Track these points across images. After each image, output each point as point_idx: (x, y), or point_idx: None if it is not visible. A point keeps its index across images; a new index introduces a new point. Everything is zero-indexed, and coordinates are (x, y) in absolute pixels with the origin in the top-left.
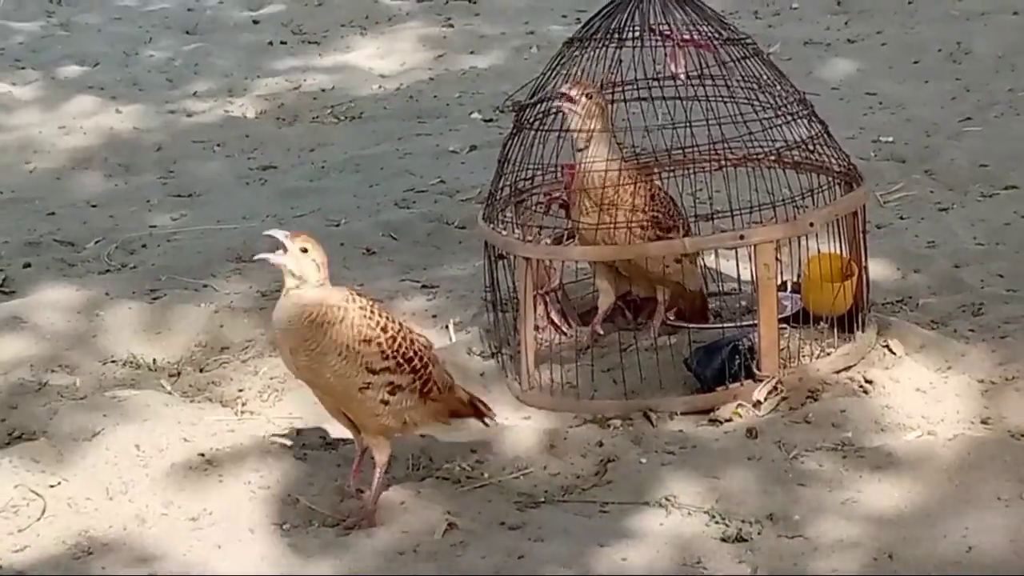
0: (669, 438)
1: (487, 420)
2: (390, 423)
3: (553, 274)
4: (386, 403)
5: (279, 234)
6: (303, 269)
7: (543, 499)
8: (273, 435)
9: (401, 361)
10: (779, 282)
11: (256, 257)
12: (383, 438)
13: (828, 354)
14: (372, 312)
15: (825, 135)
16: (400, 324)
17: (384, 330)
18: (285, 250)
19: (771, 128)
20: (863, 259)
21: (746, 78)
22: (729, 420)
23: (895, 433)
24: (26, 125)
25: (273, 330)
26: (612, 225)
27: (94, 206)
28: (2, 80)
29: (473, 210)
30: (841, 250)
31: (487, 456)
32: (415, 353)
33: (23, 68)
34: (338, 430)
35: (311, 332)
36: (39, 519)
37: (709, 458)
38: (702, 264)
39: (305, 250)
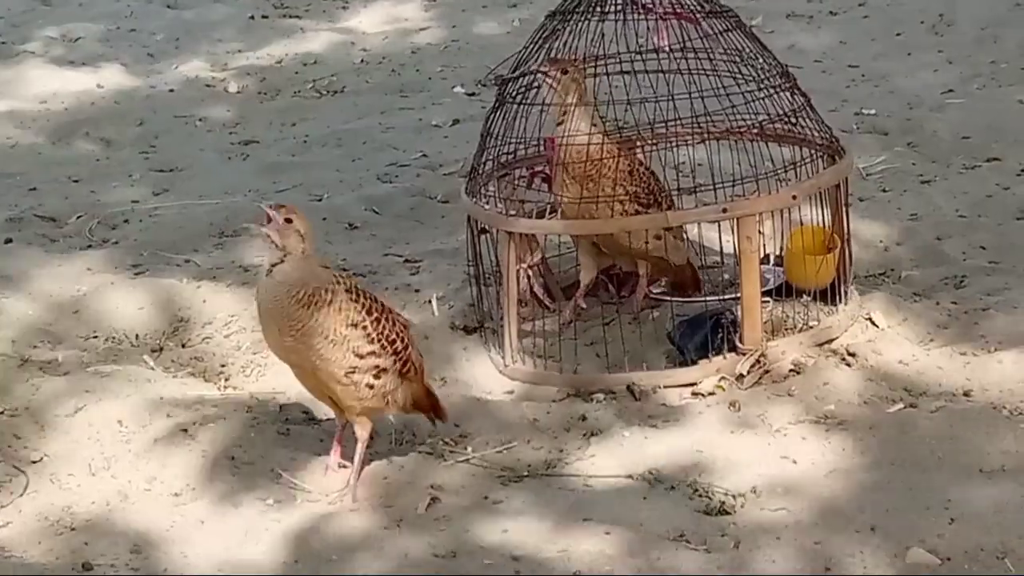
0: (652, 411)
1: (438, 422)
2: (373, 404)
3: (536, 248)
4: (371, 387)
5: (265, 206)
6: (287, 240)
7: (526, 473)
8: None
9: (386, 344)
10: (762, 255)
11: (243, 225)
12: (363, 416)
13: (811, 327)
14: (358, 295)
15: (808, 108)
16: (383, 305)
17: (369, 312)
18: (269, 220)
19: (754, 101)
20: (846, 232)
21: (728, 51)
22: (712, 393)
23: (878, 405)
24: (7, 100)
25: (258, 309)
26: (592, 199)
27: (76, 181)
28: None
29: (456, 184)
30: (824, 223)
31: (470, 430)
32: (397, 335)
33: (4, 43)
34: (321, 406)
35: (297, 312)
36: (22, 495)
37: (692, 432)
38: (686, 237)
39: (290, 220)
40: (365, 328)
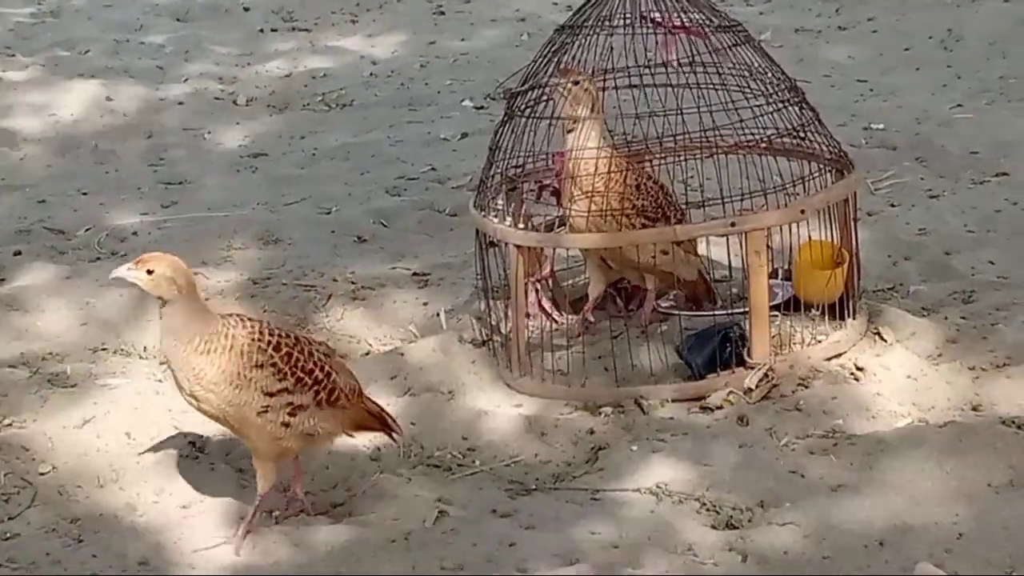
0: (660, 426)
1: (394, 435)
2: (292, 445)
3: (544, 261)
4: (287, 425)
5: (120, 273)
6: (158, 290)
7: (534, 486)
8: None
9: (301, 375)
10: (770, 269)
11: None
12: (272, 464)
13: (819, 341)
14: (262, 333)
15: (816, 122)
16: (296, 337)
17: (277, 348)
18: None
19: (762, 115)
20: (854, 246)
21: (737, 65)
22: (720, 408)
23: (886, 420)
24: (16, 113)
25: (167, 362)
26: (598, 212)
27: (85, 194)
28: None
29: (464, 197)
30: (832, 237)
31: (478, 443)
32: (315, 364)
33: (13, 55)
34: None
35: (197, 361)
36: (30, 507)
37: (700, 446)
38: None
39: (151, 271)
40: (274, 365)
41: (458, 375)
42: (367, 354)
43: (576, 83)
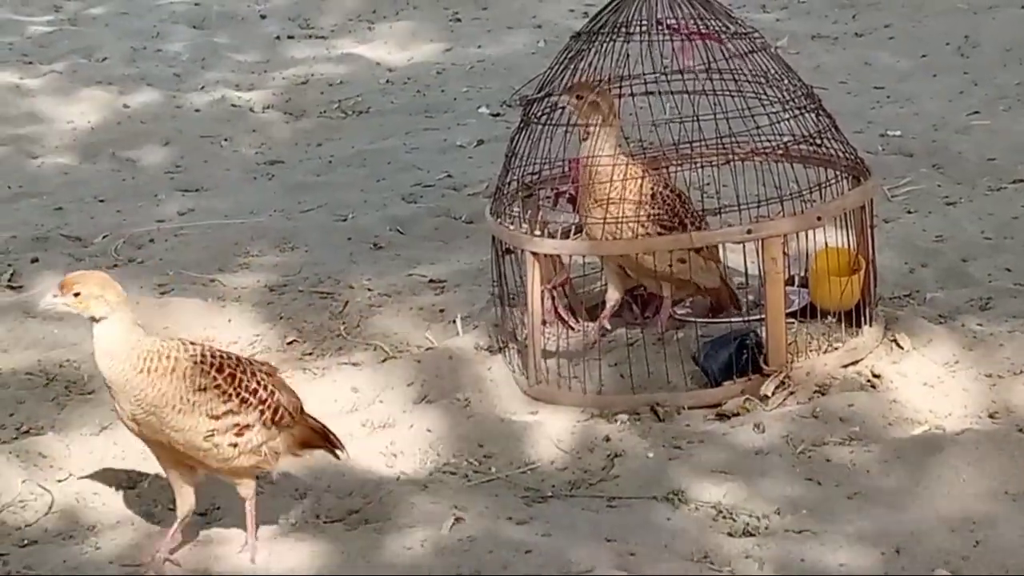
0: (676, 433)
1: (338, 452)
2: (245, 463)
3: (560, 268)
4: (235, 445)
5: (47, 303)
6: (90, 310)
7: (550, 494)
8: None
9: (246, 395)
10: (786, 276)
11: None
12: (243, 476)
13: (836, 348)
14: (204, 356)
15: (832, 129)
16: (238, 358)
17: (220, 370)
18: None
19: (778, 122)
20: (871, 253)
21: (754, 72)
22: (736, 415)
23: (903, 427)
24: (34, 120)
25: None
26: (611, 220)
27: (101, 201)
28: (10, 75)
29: (480, 204)
30: (849, 244)
31: (494, 450)
32: (258, 384)
33: (31, 63)
34: (343, 426)
35: (136, 379)
36: (47, 514)
37: (716, 453)
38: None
39: (77, 294)
40: (218, 387)
41: (474, 382)
42: (384, 361)
43: (579, 97)
